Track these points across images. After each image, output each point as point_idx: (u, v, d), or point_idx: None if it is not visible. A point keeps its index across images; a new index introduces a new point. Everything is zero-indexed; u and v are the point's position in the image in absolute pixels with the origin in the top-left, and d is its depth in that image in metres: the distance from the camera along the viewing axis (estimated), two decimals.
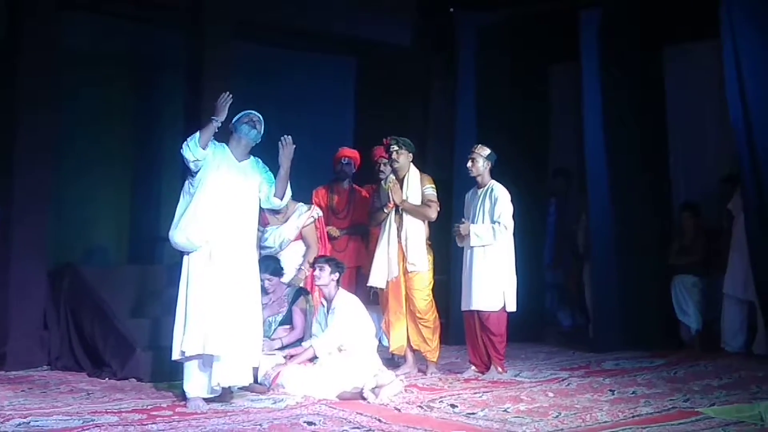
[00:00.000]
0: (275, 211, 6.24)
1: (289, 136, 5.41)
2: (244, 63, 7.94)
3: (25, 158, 6.51)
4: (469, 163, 6.33)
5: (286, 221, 6.33)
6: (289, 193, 5.45)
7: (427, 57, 9.03)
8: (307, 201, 7.03)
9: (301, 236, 6.36)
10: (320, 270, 5.75)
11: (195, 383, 5.06)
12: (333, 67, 9.28)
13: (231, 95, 5.24)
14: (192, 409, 4.93)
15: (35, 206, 6.54)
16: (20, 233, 6.47)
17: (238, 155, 5.31)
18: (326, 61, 9.16)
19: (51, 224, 6.76)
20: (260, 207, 5.49)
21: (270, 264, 5.95)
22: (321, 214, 6.55)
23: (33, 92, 6.56)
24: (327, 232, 6.88)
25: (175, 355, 5.11)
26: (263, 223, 6.28)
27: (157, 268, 7.30)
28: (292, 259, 6.32)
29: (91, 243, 7.69)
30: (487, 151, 6.31)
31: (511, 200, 6.23)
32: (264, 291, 5.85)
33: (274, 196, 5.36)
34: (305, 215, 6.35)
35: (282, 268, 6.07)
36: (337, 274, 5.76)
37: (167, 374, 5.71)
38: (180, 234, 5.12)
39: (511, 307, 6.20)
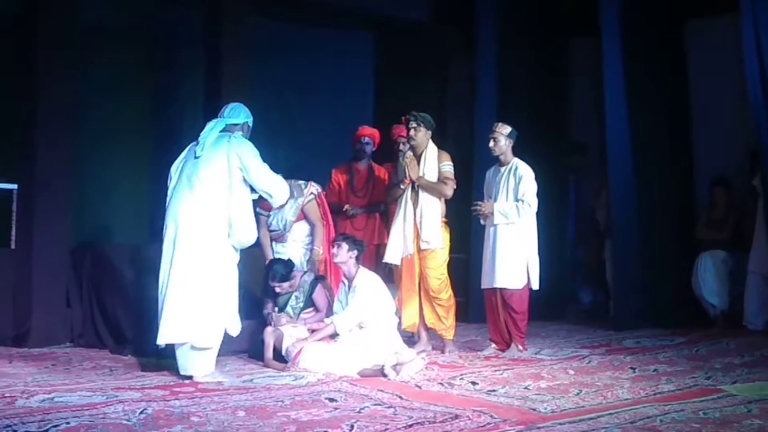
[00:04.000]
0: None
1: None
2: (262, 39, 7.93)
3: (46, 136, 6.52)
4: (491, 143, 6.27)
5: (286, 202, 6.30)
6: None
7: (446, 32, 8.95)
8: (327, 180, 7.03)
9: (303, 215, 6.34)
10: (338, 248, 5.75)
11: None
12: (351, 44, 9.24)
13: None
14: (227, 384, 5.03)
15: (57, 183, 6.56)
16: (42, 211, 6.50)
17: None
18: (344, 37, 9.12)
19: (71, 202, 6.80)
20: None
21: (278, 271, 5.90)
22: (320, 189, 6.47)
23: (50, 67, 6.54)
24: (345, 210, 6.88)
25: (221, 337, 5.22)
26: (267, 208, 6.23)
27: None
28: (299, 240, 6.33)
29: (110, 221, 7.72)
30: (508, 129, 6.26)
31: (535, 178, 6.19)
32: (276, 294, 5.95)
33: None
34: (304, 193, 6.29)
35: (292, 269, 5.99)
36: (356, 252, 5.74)
37: None
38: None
39: (535, 285, 6.18)
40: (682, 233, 7.67)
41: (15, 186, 6.79)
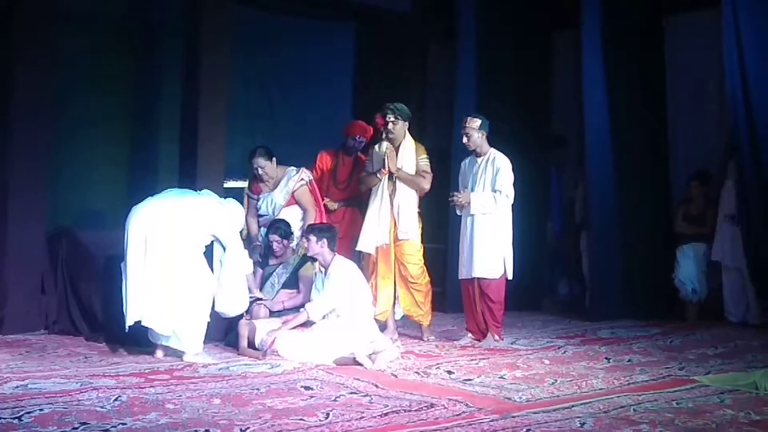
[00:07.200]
0: (262, 179, 6.25)
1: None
2: (242, 27, 7.87)
3: (23, 121, 6.44)
4: (465, 139, 6.27)
5: (275, 187, 6.31)
6: None
7: (427, 22, 8.94)
8: (312, 162, 7.00)
9: (294, 200, 6.34)
10: (307, 242, 5.77)
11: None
12: (332, 33, 9.21)
13: None
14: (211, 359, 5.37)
15: (33, 169, 6.47)
16: (18, 196, 6.41)
17: None
18: (325, 27, 9.08)
19: (48, 188, 6.73)
20: None
21: (281, 226, 6.03)
22: (311, 177, 6.49)
23: (29, 53, 6.45)
24: (324, 205, 6.85)
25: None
26: (256, 192, 6.28)
27: None
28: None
29: (86, 207, 7.66)
30: (478, 121, 6.25)
31: (512, 169, 6.20)
32: (272, 253, 5.99)
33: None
34: (294, 179, 6.31)
35: (292, 233, 6.09)
36: (325, 240, 5.73)
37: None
38: None
39: (510, 274, 6.21)
40: (658, 226, 7.72)
41: None
